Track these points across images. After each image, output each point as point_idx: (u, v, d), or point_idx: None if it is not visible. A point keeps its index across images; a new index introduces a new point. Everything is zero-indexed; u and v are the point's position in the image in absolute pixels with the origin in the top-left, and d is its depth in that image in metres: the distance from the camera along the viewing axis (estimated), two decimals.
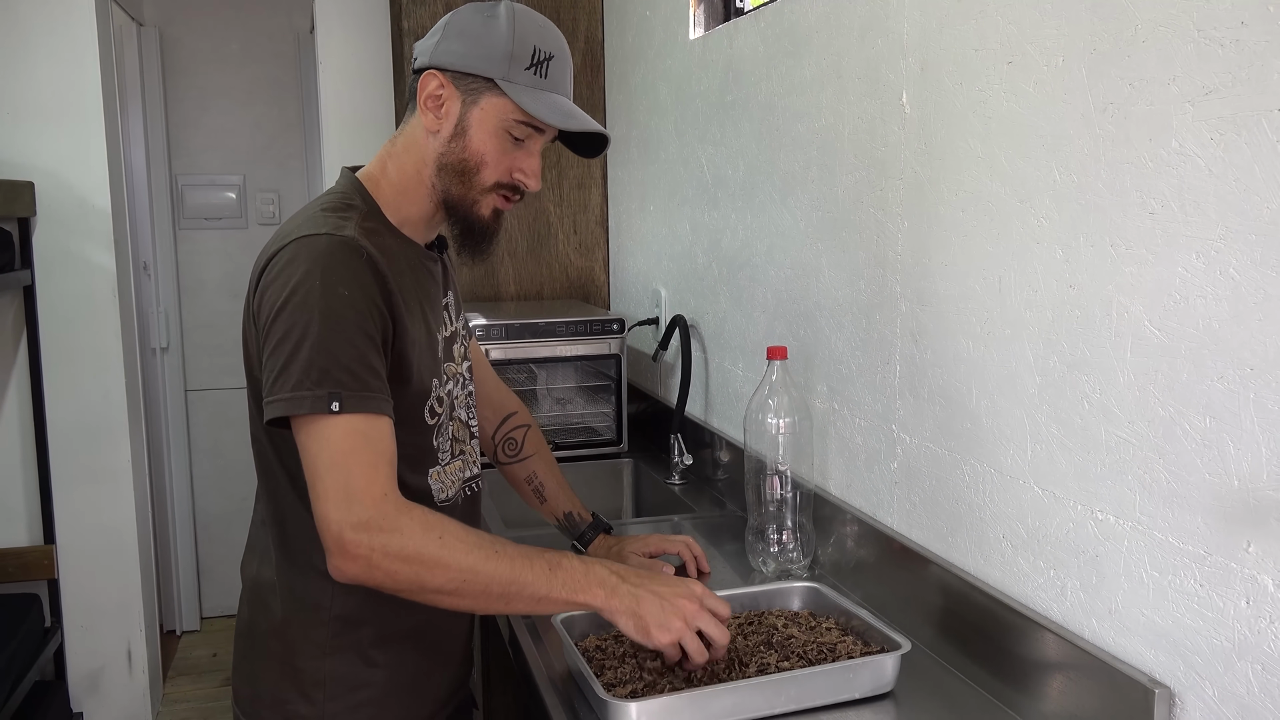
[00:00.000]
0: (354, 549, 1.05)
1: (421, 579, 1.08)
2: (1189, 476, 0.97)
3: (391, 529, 1.06)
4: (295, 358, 1.09)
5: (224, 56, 3.90)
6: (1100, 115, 1.05)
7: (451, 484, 1.31)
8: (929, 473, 1.38)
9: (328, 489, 1.07)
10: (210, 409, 3.99)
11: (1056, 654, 1.13)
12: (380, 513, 1.06)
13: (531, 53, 1.21)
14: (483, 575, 1.08)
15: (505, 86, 1.20)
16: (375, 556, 1.06)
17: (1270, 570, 0.89)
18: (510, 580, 1.09)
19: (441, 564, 1.07)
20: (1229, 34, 0.90)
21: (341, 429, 1.08)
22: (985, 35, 1.22)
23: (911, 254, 1.39)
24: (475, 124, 1.22)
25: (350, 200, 1.24)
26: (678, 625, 1.12)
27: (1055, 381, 1.14)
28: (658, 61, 2.38)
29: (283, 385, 1.09)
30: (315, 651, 1.25)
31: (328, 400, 1.07)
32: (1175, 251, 0.97)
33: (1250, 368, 0.90)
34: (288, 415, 1.09)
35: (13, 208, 2.69)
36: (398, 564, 1.06)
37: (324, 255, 1.13)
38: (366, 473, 1.08)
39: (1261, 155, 0.88)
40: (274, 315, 1.12)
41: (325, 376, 1.08)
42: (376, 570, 1.06)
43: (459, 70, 1.21)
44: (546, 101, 1.22)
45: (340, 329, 1.10)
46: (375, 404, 1.11)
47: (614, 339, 2.35)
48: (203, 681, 3.55)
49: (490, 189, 1.24)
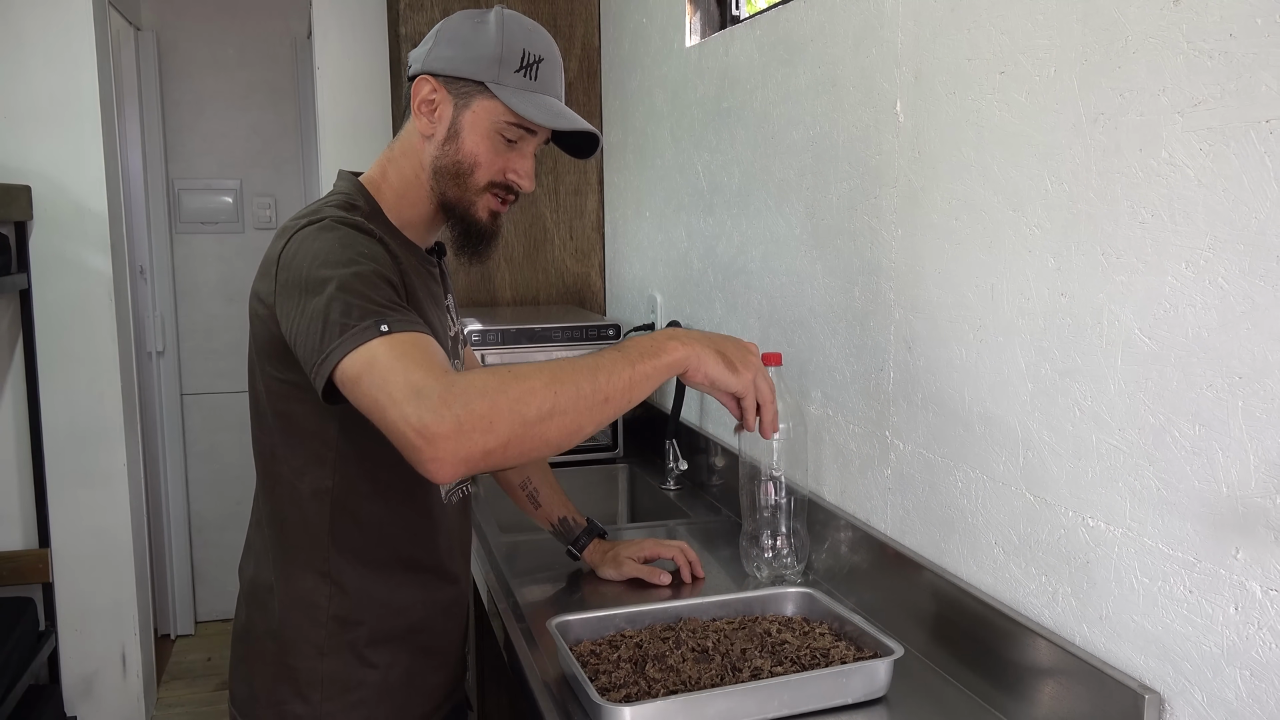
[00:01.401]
0: (441, 427, 0.95)
1: (519, 413, 0.98)
2: (1179, 484, 0.98)
3: (463, 390, 0.97)
4: (329, 312, 1.05)
5: (221, 61, 3.90)
6: (1091, 125, 1.06)
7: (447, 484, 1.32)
8: (922, 479, 1.39)
9: (392, 394, 0.98)
10: (206, 412, 3.99)
11: (1048, 660, 1.14)
12: (445, 384, 0.98)
13: (520, 55, 1.23)
14: (569, 383, 1.01)
15: (495, 89, 1.22)
16: (464, 422, 0.95)
17: (1258, 577, 0.90)
18: (594, 375, 1.03)
19: (526, 390, 0.99)
20: (1218, 46, 0.91)
21: (393, 344, 1.02)
22: (978, 45, 1.23)
23: (905, 261, 1.40)
24: (468, 126, 1.24)
25: (354, 201, 1.26)
26: (754, 362, 1.15)
27: (1047, 389, 1.15)
28: (654, 68, 2.39)
29: (329, 338, 1.04)
30: (311, 652, 1.25)
31: (375, 327, 1.02)
32: (1165, 261, 0.98)
33: (1239, 376, 0.91)
34: (342, 357, 1.02)
35: (9, 211, 2.70)
36: (488, 416, 0.97)
37: (340, 232, 1.14)
38: (424, 368, 1.00)
39: (1250, 166, 0.89)
40: (300, 289, 1.09)
41: (366, 313, 1.04)
42: (472, 434, 0.96)
43: (450, 75, 1.24)
44: (536, 102, 1.23)
45: (368, 280, 1.08)
46: (420, 327, 1.06)
47: (610, 344, 2.35)
48: (197, 685, 3.55)
49: (484, 189, 1.26)
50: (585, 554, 1.62)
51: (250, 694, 1.30)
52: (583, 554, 1.62)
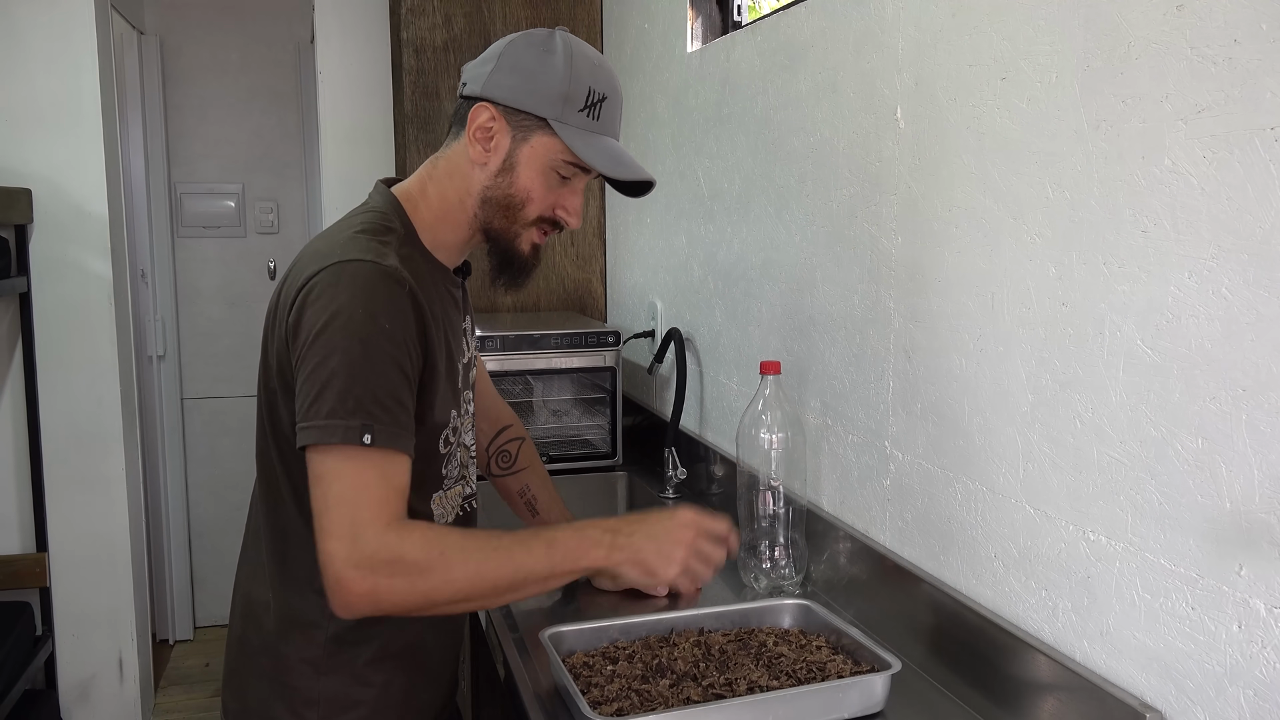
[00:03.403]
0: (357, 585, 1.04)
1: (430, 598, 1.08)
2: (1181, 498, 0.96)
3: (393, 559, 1.05)
4: (330, 385, 1.08)
5: (224, 65, 3.90)
6: (1093, 132, 1.04)
7: (451, 508, 1.31)
8: (921, 490, 1.37)
9: (335, 524, 1.05)
10: (206, 417, 3.98)
11: (1048, 675, 1.12)
12: (382, 544, 1.05)
13: (586, 94, 1.19)
14: (488, 578, 1.10)
15: (558, 128, 1.18)
16: (380, 591, 1.05)
17: (1262, 594, 0.88)
18: (514, 572, 1.10)
19: (446, 580, 1.08)
20: (1222, 52, 0.89)
21: (364, 463, 1.07)
22: (979, 51, 1.21)
23: (905, 269, 1.38)
24: (524, 161, 1.20)
25: (389, 223, 1.22)
26: (680, 555, 1.16)
27: (1047, 400, 1.13)
28: (655, 74, 2.37)
29: (317, 412, 1.07)
30: (309, 671, 1.24)
31: (360, 431, 1.06)
32: (1168, 270, 0.96)
33: (1243, 389, 0.89)
34: (320, 443, 1.07)
35: (10, 215, 2.69)
36: (402, 593, 1.06)
37: (368, 284, 1.12)
38: (374, 508, 1.07)
39: (1254, 174, 0.87)
40: (313, 338, 1.10)
41: (359, 407, 1.07)
42: (383, 602, 1.06)
43: (511, 106, 1.19)
44: (597, 145, 1.20)
45: (378, 360, 1.09)
46: (403, 441, 1.10)
47: (609, 351, 2.34)
48: (195, 691, 3.53)
49: (532, 224, 1.24)
50: None
51: (244, 708, 1.28)
52: None
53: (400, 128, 2.88)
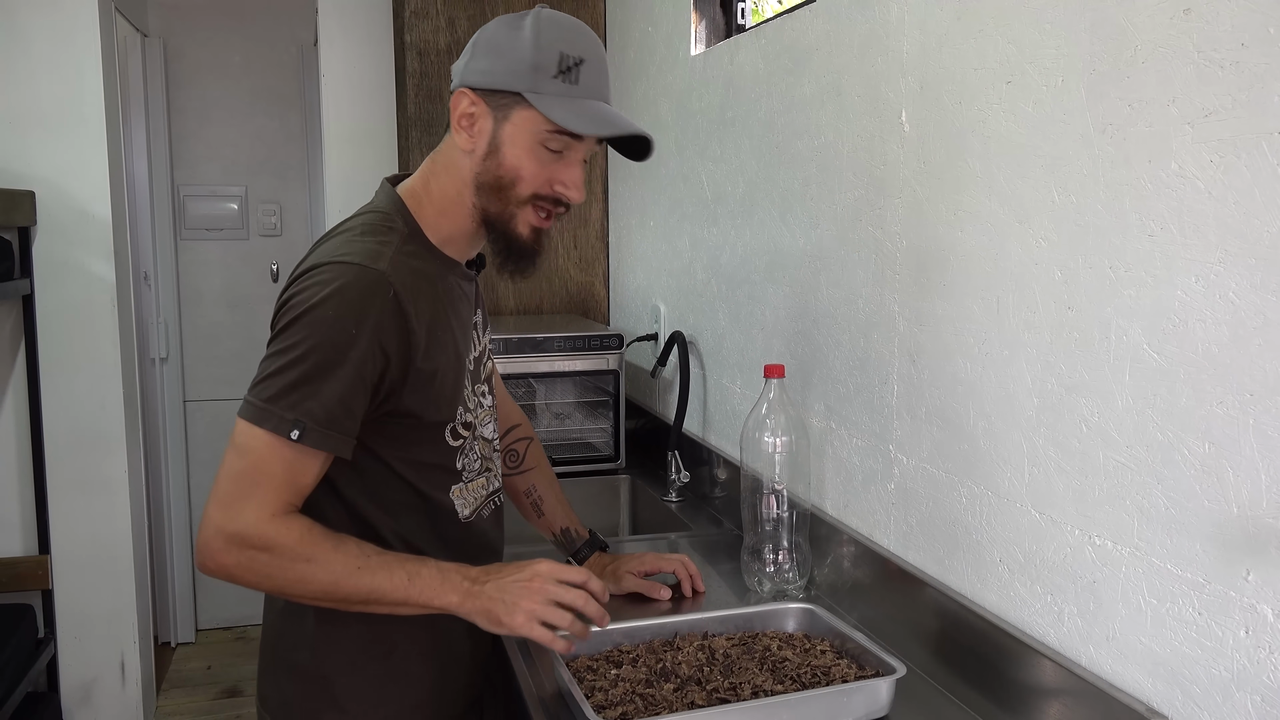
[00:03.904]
0: (220, 556, 1.12)
1: (282, 589, 1.16)
2: (1188, 503, 0.96)
3: (263, 544, 1.12)
4: (283, 374, 1.13)
5: (227, 68, 3.90)
6: (1099, 136, 1.04)
7: (474, 499, 1.34)
8: (926, 494, 1.36)
9: (225, 492, 1.14)
10: (209, 419, 3.97)
11: (1053, 680, 1.11)
12: (257, 529, 1.12)
13: (558, 59, 1.17)
14: (343, 589, 1.14)
15: (533, 99, 1.17)
16: (238, 567, 1.13)
17: (1270, 599, 0.88)
18: (369, 592, 1.15)
19: (301, 579, 1.13)
20: (1229, 55, 0.89)
21: (279, 453, 1.13)
22: (985, 55, 1.21)
23: (910, 272, 1.38)
24: (508, 140, 1.20)
25: (392, 222, 1.24)
26: (525, 605, 1.16)
27: (1053, 404, 1.13)
28: (659, 77, 2.37)
29: (261, 391, 1.14)
30: (346, 665, 1.27)
31: (291, 426, 1.12)
32: (1174, 274, 0.96)
33: (1250, 393, 0.89)
34: (251, 420, 1.13)
35: (13, 217, 2.69)
36: (258, 575, 1.14)
37: (347, 289, 1.15)
38: (267, 494, 1.13)
39: (1261, 178, 0.87)
40: (285, 325, 1.15)
41: (298, 404, 1.12)
42: (236, 578, 1.14)
43: (487, 88, 1.20)
44: (578, 109, 1.18)
45: (336, 365, 1.13)
46: (332, 443, 1.15)
47: (613, 354, 2.34)
48: (196, 694, 3.53)
49: (527, 202, 1.22)
50: (585, 566, 1.60)
51: (283, 701, 1.32)
52: (583, 567, 1.60)
53: (403, 131, 2.88)
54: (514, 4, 2.75)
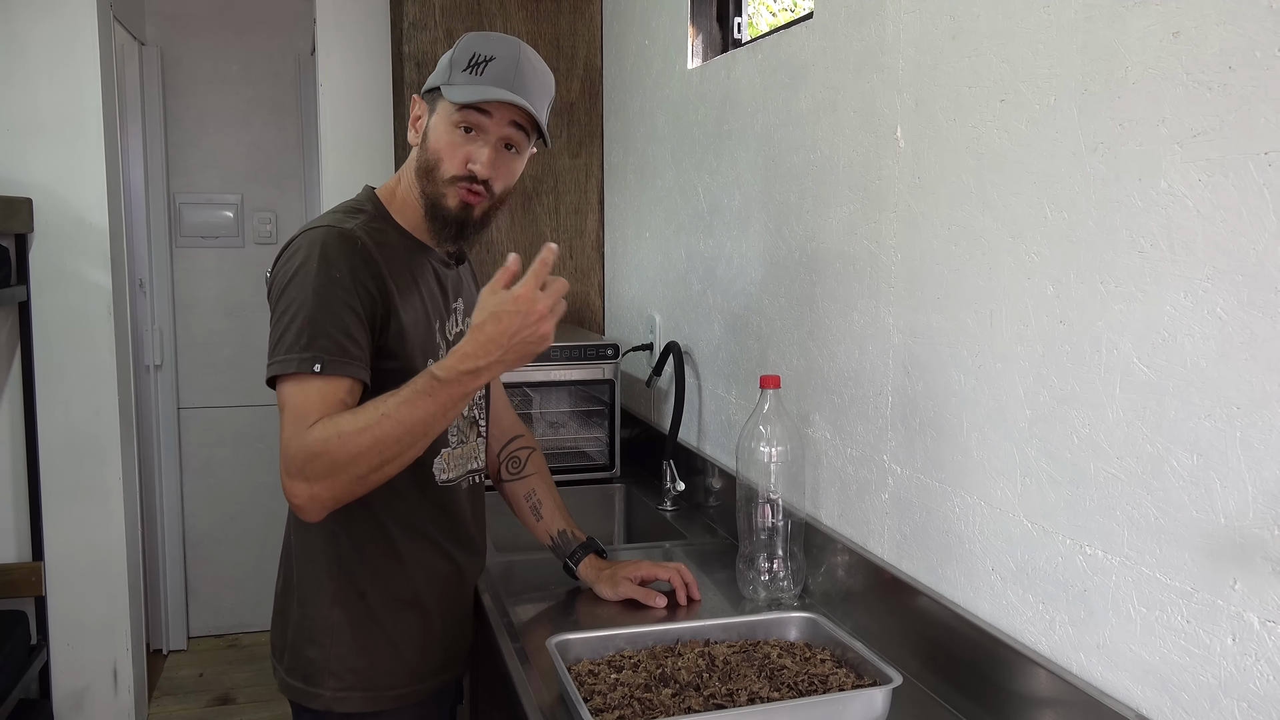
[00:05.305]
0: (296, 494, 1.22)
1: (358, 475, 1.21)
2: (1177, 513, 0.98)
3: (308, 457, 1.20)
4: (290, 327, 1.27)
5: (224, 77, 3.91)
6: (1091, 154, 1.07)
7: (455, 467, 1.48)
8: (920, 504, 1.38)
9: (286, 442, 1.23)
10: (203, 427, 3.97)
11: (1045, 688, 1.13)
12: (299, 449, 1.21)
13: (470, 57, 1.35)
14: (392, 437, 1.20)
15: (445, 90, 1.36)
16: (315, 491, 1.21)
17: (1256, 608, 0.90)
18: (411, 426, 1.21)
19: (358, 454, 1.20)
20: (1217, 78, 0.91)
21: (310, 386, 1.24)
22: (979, 73, 1.24)
23: (904, 286, 1.40)
24: (433, 128, 1.39)
25: (361, 206, 1.44)
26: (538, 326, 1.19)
27: (1045, 415, 1.15)
28: (656, 90, 2.40)
29: (277, 351, 1.27)
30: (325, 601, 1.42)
31: (312, 362, 1.24)
32: (1164, 290, 0.98)
33: (1237, 406, 0.91)
34: (280, 374, 1.25)
35: (10, 224, 2.70)
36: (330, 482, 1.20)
37: (322, 243, 1.32)
38: (300, 423, 1.22)
39: (1248, 197, 0.89)
40: (279, 294, 1.31)
41: (312, 343, 1.25)
42: (321, 497, 1.21)
43: (426, 89, 1.42)
44: (472, 91, 1.34)
45: (330, 303, 1.28)
46: (351, 368, 1.27)
47: (608, 364, 2.35)
48: (188, 701, 3.52)
49: (451, 182, 1.37)
50: (581, 569, 1.62)
51: (282, 644, 1.48)
52: (578, 568, 1.62)
53: (400, 141, 2.90)
54: (510, 15, 2.78)
